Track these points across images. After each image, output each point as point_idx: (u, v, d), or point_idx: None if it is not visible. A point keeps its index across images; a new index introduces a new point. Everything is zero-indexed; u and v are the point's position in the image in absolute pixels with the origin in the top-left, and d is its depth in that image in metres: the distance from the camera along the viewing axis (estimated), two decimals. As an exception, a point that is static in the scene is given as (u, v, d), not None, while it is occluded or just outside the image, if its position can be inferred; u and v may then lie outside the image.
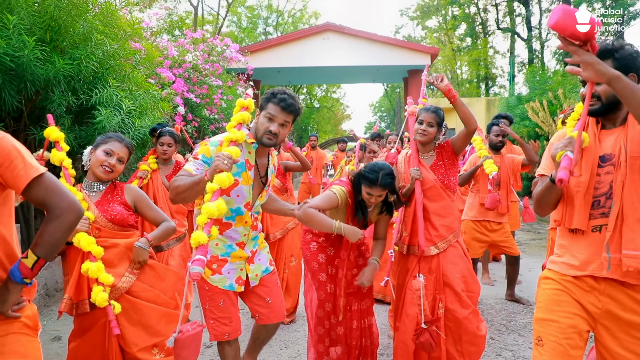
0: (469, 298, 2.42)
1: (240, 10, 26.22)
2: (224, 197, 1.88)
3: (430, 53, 14.17)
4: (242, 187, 1.98)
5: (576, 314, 1.55)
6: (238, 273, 2.07)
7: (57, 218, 1.22)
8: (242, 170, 1.98)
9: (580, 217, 1.56)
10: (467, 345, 2.37)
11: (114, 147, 2.07)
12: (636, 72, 1.51)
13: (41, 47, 3.27)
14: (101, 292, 1.83)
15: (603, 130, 1.60)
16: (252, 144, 2.03)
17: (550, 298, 1.61)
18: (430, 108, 2.56)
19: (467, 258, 2.54)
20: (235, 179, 1.91)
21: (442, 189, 2.51)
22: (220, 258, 2.04)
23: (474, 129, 2.44)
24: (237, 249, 2.06)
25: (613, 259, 1.48)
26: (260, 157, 2.10)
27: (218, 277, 2.03)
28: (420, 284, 2.30)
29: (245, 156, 2.00)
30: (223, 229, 2.01)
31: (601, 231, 1.52)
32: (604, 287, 1.52)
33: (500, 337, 3.22)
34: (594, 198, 1.55)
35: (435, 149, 2.61)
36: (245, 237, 2.07)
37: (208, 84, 7.47)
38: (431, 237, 2.49)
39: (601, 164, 1.55)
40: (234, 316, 2.06)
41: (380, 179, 2.24)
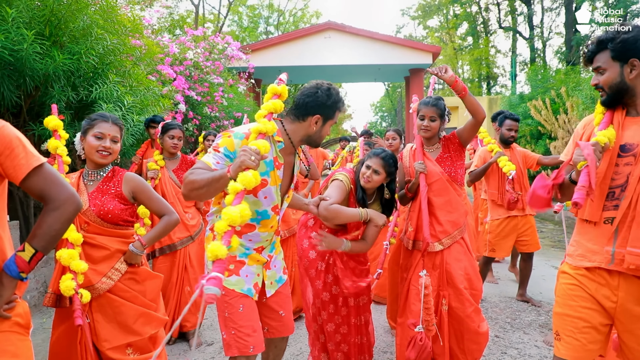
0: (472, 296, 2.37)
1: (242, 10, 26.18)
2: (249, 198, 1.70)
3: (432, 52, 14.12)
4: (270, 188, 1.74)
5: (590, 308, 1.52)
6: (255, 278, 1.83)
7: (56, 209, 1.19)
8: (271, 169, 1.73)
9: (593, 209, 1.52)
10: (468, 343, 2.34)
11: (103, 128, 1.93)
12: (638, 57, 1.48)
13: (40, 41, 3.23)
14: (68, 280, 1.74)
15: (628, 117, 1.55)
16: (278, 142, 1.77)
17: (566, 293, 1.59)
18: (429, 101, 2.49)
19: (471, 255, 2.49)
20: (263, 178, 1.67)
21: (448, 182, 2.47)
22: (239, 259, 1.80)
23: (482, 118, 2.35)
24: (254, 252, 1.84)
25: (617, 254, 1.44)
26: (288, 154, 1.86)
27: (235, 278, 1.76)
28: (424, 281, 2.26)
29: (274, 153, 1.75)
30: (244, 231, 1.78)
31: (612, 223, 1.48)
32: (618, 282, 1.48)
33: (505, 335, 3.17)
34: (610, 189, 1.50)
35: (440, 140, 2.55)
36: (266, 242, 1.87)
37: (209, 81, 7.44)
38: (436, 233, 2.45)
39: (621, 154, 1.50)
40: (256, 325, 1.78)
41: (383, 152, 2.31)
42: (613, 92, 1.52)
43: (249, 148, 1.47)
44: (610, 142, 1.48)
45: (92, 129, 1.94)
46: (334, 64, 14.13)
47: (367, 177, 2.31)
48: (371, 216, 2.17)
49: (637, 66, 1.49)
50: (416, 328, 2.23)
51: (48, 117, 2.05)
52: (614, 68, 1.51)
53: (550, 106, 9.17)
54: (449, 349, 2.38)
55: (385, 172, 2.31)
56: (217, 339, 3.17)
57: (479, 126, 2.42)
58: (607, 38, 1.51)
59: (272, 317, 1.94)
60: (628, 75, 1.50)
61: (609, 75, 1.51)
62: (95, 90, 3.65)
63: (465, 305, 2.33)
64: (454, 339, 2.39)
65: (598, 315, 1.51)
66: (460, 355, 2.37)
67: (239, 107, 8.75)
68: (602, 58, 1.53)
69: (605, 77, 1.52)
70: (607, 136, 1.46)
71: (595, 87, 1.58)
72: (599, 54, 1.54)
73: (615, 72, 1.50)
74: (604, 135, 1.46)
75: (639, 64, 1.49)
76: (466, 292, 2.36)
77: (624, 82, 1.50)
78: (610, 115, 1.55)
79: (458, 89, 2.26)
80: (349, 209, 2.14)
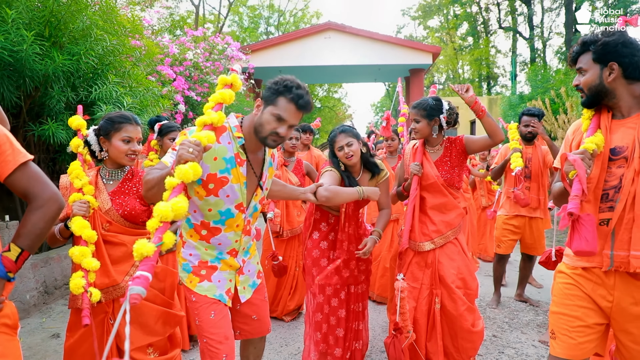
0: (466, 296, 2.39)
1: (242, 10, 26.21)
2: (210, 199, 1.67)
3: (432, 52, 14.11)
4: (232, 186, 1.68)
5: (586, 307, 1.53)
6: (228, 284, 1.78)
7: (40, 208, 1.19)
8: (232, 167, 1.67)
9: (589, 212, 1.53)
10: (462, 342, 2.35)
11: (130, 132, 1.91)
12: (618, 59, 1.50)
13: (40, 42, 3.25)
14: (78, 278, 1.72)
15: (614, 121, 1.56)
16: (238, 139, 1.69)
17: (562, 292, 1.61)
18: (414, 104, 2.51)
19: (466, 255, 2.50)
20: (223, 176, 1.66)
21: (443, 187, 2.47)
22: (210, 264, 1.76)
23: (500, 140, 2.36)
24: (228, 257, 1.78)
25: (617, 257, 1.46)
26: (254, 151, 1.79)
27: (207, 284, 1.73)
28: (399, 285, 2.28)
29: (234, 149, 1.68)
30: (211, 235, 1.74)
31: (608, 225, 1.49)
32: (614, 281, 1.49)
33: (503, 335, 3.18)
34: (603, 191, 1.51)
35: (444, 142, 2.55)
36: (236, 243, 1.79)
37: (209, 82, 7.45)
38: (429, 232, 2.46)
39: (612, 157, 1.52)
40: (228, 332, 1.73)
41: (341, 128, 2.40)
42: (592, 93, 1.55)
43: (187, 140, 1.39)
44: (599, 148, 1.49)
45: (119, 133, 1.91)
46: (334, 64, 14.13)
47: (347, 154, 2.32)
48: (367, 193, 2.17)
49: (615, 70, 1.51)
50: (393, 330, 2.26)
51: (72, 116, 2.03)
52: (594, 70, 1.54)
53: (550, 106, 9.18)
54: (443, 348, 2.39)
55: (355, 138, 2.35)
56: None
57: (494, 146, 2.43)
58: (590, 40, 1.55)
59: (245, 322, 1.92)
60: (607, 78, 1.52)
61: (589, 76, 1.55)
62: (94, 91, 3.67)
63: (457, 304, 2.34)
64: (448, 337, 2.41)
65: (594, 314, 1.52)
66: (455, 353, 2.38)
67: (239, 107, 8.76)
68: (584, 59, 1.56)
69: (585, 79, 1.56)
70: (594, 142, 1.48)
71: (576, 88, 1.61)
72: (583, 55, 1.57)
73: (595, 74, 1.54)
74: (592, 141, 1.48)
75: (617, 68, 1.51)
76: (458, 291, 2.37)
77: (603, 85, 1.53)
78: (597, 120, 1.57)
79: (477, 110, 2.30)
80: (347, 189, 2.15)
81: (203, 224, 1.73)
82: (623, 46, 1.50)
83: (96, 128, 1.97)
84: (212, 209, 1.69)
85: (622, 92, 1.54)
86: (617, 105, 1.55)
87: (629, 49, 1.51)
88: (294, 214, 3.47)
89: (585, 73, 1.55)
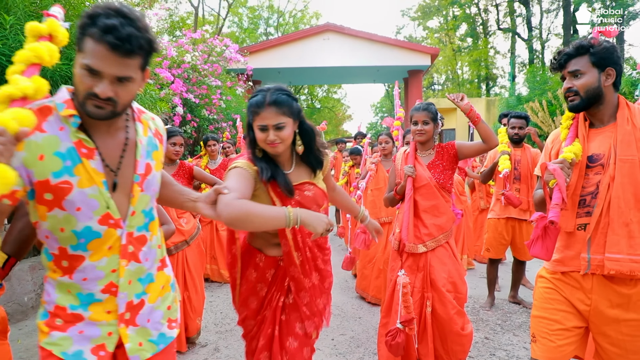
0: (456, 299, 2.43)
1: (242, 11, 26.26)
2: (58, 215, 1.10)
3: (430, 53, 14.17)
4: (82, 192, 1.10)
5: (565, 311, 1.58)
6: (102, 339, 1.18)
7: (26, 215, 1.21)
8: (76, 162, 1.10)
9: (567, 219, 1.58)
10: (452, 345, 2.39)
11: None
12: (613, 66, 1.55)
13: (38, 47, 3.29)
14: None
15: (591, 130, 1.61)
16: (70, 117, 1.10)
17: (542, 296, 1.65)
18: (420, 106, 2.56)
19: (456, 259, 2.54)
20: (62, 180, 1.08)
21: (436, 188, 2.52)
22: (71, 312, 1.16)
23: (494, 145, 2.42)
24: (103, 297, 1.17)
25: (593, 260, 1.50)
26: (108, 131, 1.17)
27: (57, 335, 1.16)
28: (401, 281, 2.31)
29: (71, 136, 1.10)
30: (72, 268, 1.14)
31: (585, 229, 1.54)
32: (592, 285, 1.53)
33: (495, 337, 3.22)
34: (581, 197, 1.56)
35: (435, 147, 2.60)
36: (114, 274, 1.17)
37: (207, 84, 7.50)
38: (421, 235, 2.50)
39: (589, 164, 1.56)
40: None
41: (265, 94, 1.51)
42: (589, 96, 1.56)
43: None
44: (577, 157, 1.54)
45: None
46: (333, 66, 14.19)
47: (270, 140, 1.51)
48: (304, 220, 1.35)
49: (612, 75, 1.56)
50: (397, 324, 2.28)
51: None
52: (592, 73, 1.55)
53: (547, 108, 9.21)
54: (433, 350, 2.43)
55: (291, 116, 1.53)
56: (211, 340, 3.22)
57: (488, 151, 2.47)
58: (587, 44, 1.57)
59: None
60: (603, 82, 1.56)
61: (588, 79, 1.55)
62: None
63: (447, 308, 2.38)
64: (438, 340, 2.45)
65: (573, 317, 1.57)
66: (445, 356, 2.43)
67: (238, 109, 8.80)
68: (581, 62, 1.57)
69: (583, 81, 1.56)
70: (573, 151, 1.53)
71: (568, 91, 1.60)
72: (577, 58, 1.58)
73: (594, 77, 1.55)
74: (570, 151, 1.53)
75: (613, 73, 1.56)
76: (449, 294, 2.41)
77: (600, 89, 1.55)
78: (575, 129, 1.61)
79: (472, 117, 2.36)
80: (264, 209, 1.36)
81: (61, 251, 1.14)
82: (617, 53, 1.56)
83: None
84: (65, 228, 1.12)
85: (609, 99, 1.58)
86: (599, 112, 1.59)
87: (619, 57, 1.56)
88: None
89: (582, 76, 1.56)
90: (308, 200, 1.62)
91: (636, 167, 1.47)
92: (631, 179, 1.47)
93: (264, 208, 1.36)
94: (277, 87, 1.55)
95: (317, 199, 1.66)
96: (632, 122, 1.53)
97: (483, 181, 3.90)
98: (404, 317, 2.28)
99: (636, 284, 1.50)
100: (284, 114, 1.51)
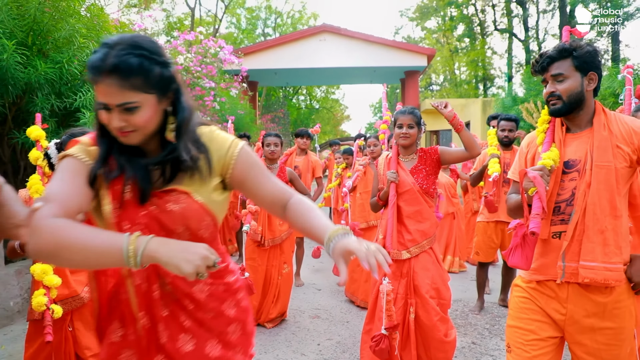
0: (439, 305, 2.41)
1: (240, 12, 26.25)
2: None
3: (427, 54, 14.16)
4: None
5: (540, 320, 1.55)
6: None
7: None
8: None
9: (542, 226, 1.55)
10: (435, 351, 2.37)
11: None
12: (596, 71, 1.53)
13: (22, 51, 3.27)
14: (40, 296, 1.75)
15: (568, 134, 1.58)
16: None
17: (518, 306, 1.63)
18: (405, 110, 2.54)
19: (440, 265, 2.52)
20: None
21: (419, 194, 2.49)
22: None
23: (476, 154, 2.42)
24: None
25: (568, 268, 1.48)
26: None
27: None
28: (384, 289, 2.29)
29: None
30: None
31: (560, 238, 1.52)
32: (567, 294, 1.51)
33: (482, 342, 3.20)
34: (555, 204, 1.53)
35: (417, 152, 2.59)
36: None
37: (201, 86, 7.48)
38: (404, 241, 2.48)
39: (565, 170, 1.54)
40: None
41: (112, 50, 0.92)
42: (571, 101, 1.52)
43: None
44: (556, 163, 1.51)
45: None
46: (330, 67, 14.17)
47: (115, 127, 0.97)
48: (156, 254, 0.86)
49: (594, 80, 1.53)
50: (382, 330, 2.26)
51: (30, 127, 2.05)
52: (575, 77, 1.52)
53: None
54: (416, 357, 2.41)
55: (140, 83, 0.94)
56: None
57: (470, 159, 2.47)
58: (570, 47, 1.53)
59: None
60: (586, 87, 1.53)
61: (572, 83, 1.52)
62: (78, 98, 3.68)
63: (430, 314, 2.36)
64: (422, 347, 2.42)
65: (548, 327, 1.54)
66: None
67: (232, 110, 8.78)
68: (564, 65, 1.53)
69: (567, 85, 1.52)
70: (551, 158, 1.49)
71: (550, 95, 1.55)
72: (560, 61, 1.54)
73: (577, 82, 1.52)
74: (549, 157, 1.49)
75: (595, 78, 1.53)
76: (432, 301, 2.39)
77: (583, 93, 1.53)
78: (551, 135, 1.58)
79: (455, 124, 2.35)
80: (93, 235, 0.88)
81: None
82: (599, 58, 1.53)
83: (58, 142, 1.99)
84: None
85: (589, 104, 1.56)
86: (578, 117, 1.56)
87: (600, 62, 1.54)
88: (276, 222, 3.48)
89: (566, 80, 1.52)
90: (170, 218, 1.01)
91: (612, 174, 1.45)
92: (607, 186, 1.45)
93: (90, 236, 0.86)
94: (130, 41, 0.95)
95: (188, 218, 1.03)
96: (609, 128, 1.51)
97: (472, 184, 3.89)
98: (388, 324, 2.26)
99: (611, 292, 1.48)
100: (134, 89, 0.93)
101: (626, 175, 1.48)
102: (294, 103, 27.87)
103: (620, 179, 1.46)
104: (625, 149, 1.47)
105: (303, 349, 3.09)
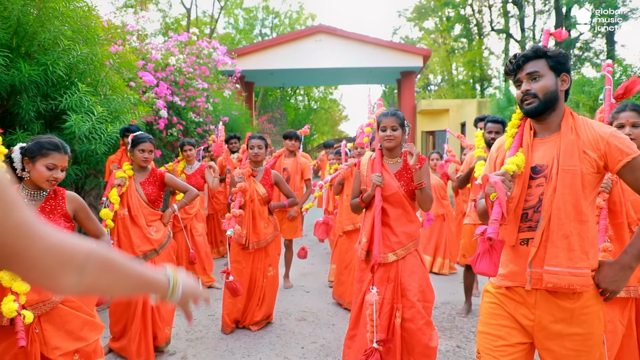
0: (425, 308, 2.40)
1: (237, 12, 26.23)
2: None
3: (423, 55, 14.16)
4: None
5: (509, 326, 1.55)
6: None
7: None
8: None
9: (509, 232, 1.55)
10: (419, 356, 2.37)
11: (57, 160, 1.94)
12: (568, 73, 1.54)
13: (5, 53, 3.25)
14: (10, 302, 1.74)
15: (536, 139, 1.58)
16: None
17: (487, 311, 1.62)
18: (389, 112, 2.53)
19: (424, 267, 2.52)
20: None
21: (404, 197, 2.49)
22: None
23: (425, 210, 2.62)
24: None
25: (534, 274, 1.47)
26: None
27: None
28: (372, 299, 2.28)
29: None
30: None
31: (528, 244, 1.51)
32: (535, 300, 1.50)
33: (467, 346, 3.19)
34: (523, 210, 1.53)
35: (401, 155, 2.58)
36: None
37: (194, 86, 7.47)
38: (391, 243, 2.47)
39: (533, 176, 1.53)
40: None
41: None
42: (547, 100, 1.51)
43: None
44: (520, 168, 1.49)
45: (45, 159, 1.92)
46: (326, 67, 14.16)
47: None
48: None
49: (566, 81, 1.54)
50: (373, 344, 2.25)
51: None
52: (550, 76, 1.52)
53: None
54: None
55: None
56: (180, 348, 3.18)
57: None
58: (544, 48, 1.54)
59: None
60: (560, 86, 1.53)
61: (547, 81, 1.51)
62: (64, 100, 3.67)
63: (416, 318, 2.35)
64: (406, 352, 2.42)
65: (517, 333, 1.54)
66: None
67: (227, 111, 8.77)
68: (539, 64, 1.52)
69: (542, 83, 1.51)
70: (515, 163, 1.48)
71: (526, 94, 1.53)
72: (535, 60, 1.53)
73: (552, 80, 1.52)
74: (513, 162, 1.48)
75: (568, 79, 1.54)
76: (419, 304, 2.38)
77: (557, 93, 1.52)
78: (519, 139, 1.57)
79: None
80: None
81: None
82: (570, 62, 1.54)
83: (23, 147, 1.98)
84: None
85: (560, 106, 1.55)
86: (549, 119, 1.55)
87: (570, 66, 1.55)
88: (261, 225, 3.47)
89: (541, 78, 1.52)
90: None
91: (577, 178, 1.44)
92: (572, 190, 1.44)
93: None
94: None
95: None
96: (576, 132, 1.50)
97: (459, 186, 3.88)
98: (380, 337, 2.26)
99: (579, 298, 1.47)
100: None
101: (593, 182, 1.48)
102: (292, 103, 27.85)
103: (586, 184, 1.45)
104: (591, 154, 1.46)
105: (286, 352, 3.08)
